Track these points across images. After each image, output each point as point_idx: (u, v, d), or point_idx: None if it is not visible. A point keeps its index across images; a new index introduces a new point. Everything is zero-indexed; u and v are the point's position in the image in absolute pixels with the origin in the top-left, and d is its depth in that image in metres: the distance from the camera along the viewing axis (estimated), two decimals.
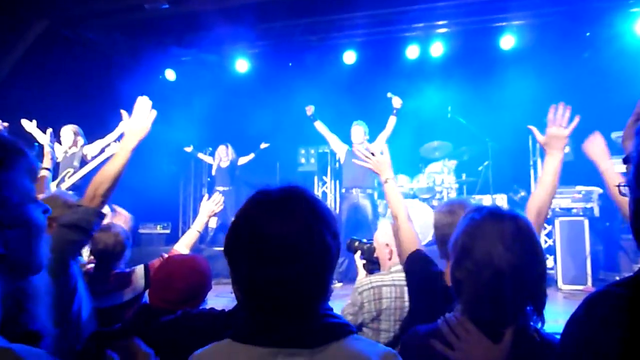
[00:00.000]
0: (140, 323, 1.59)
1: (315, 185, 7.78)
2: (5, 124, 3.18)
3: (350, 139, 5.69)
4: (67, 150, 5.08)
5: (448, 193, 6.48)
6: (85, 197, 1.83)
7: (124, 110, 2.03)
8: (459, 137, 6.61)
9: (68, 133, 5.09)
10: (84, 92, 6.01)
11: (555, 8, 5.97)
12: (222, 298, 4.12)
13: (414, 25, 6.41)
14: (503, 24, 6.31)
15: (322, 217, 0.92)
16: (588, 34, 6.17)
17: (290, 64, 7.28)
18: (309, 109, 5.80)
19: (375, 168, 2.14)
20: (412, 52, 6.68)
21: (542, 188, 1.88)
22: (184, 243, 2.55)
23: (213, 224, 6.69)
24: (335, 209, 6.40)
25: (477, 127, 6.38)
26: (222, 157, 7.12)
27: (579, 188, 5.32)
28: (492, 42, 6.43)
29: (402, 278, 2.21)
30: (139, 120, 1.93)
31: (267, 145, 7.14)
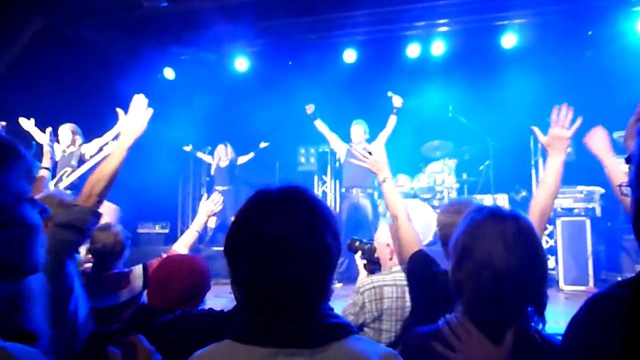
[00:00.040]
0: (139, 323, 1.58)
1: (315, 185, 7.75)
2: (3, 123, 3.16)
3: (350, 138, 5.66)
4: (65, 149, 5.05)
5: (449, 193, 6.48)
6: (81, 196, 1.83)
7: (120, 109, 2.03)
8: (460, 136, 6.61)
9: (66, 132, 5.07)
10: (82, 90, 5.99)
11: (557, 6, 5.96)
12: (221, 298, 4.10)
13: (415, 24, 6.40)
14: (504, 23, 6.30)
15: (322, 216, 0.91)
16: (590, 33, 6.17)
17: (290, 63, 7.26)
18: (309, 108, 5.77)
19: (373, 167, 2.13)
20: (412, 50, 6.66)
21: (544, 189, 1.87)
22: (183, 243, 2.54)
23: (212, 224, 6.67)
24: (335, 209, 6.38)
25: (478, 126, 6.37)
26: (221, 156, 7.10)
27: (581, 188, 5.31)
28: (493, 40, 6.42)
29: (403, 278, 2.24)
30: (135, 119, 1.92)
31: (266, 145, 7.12)
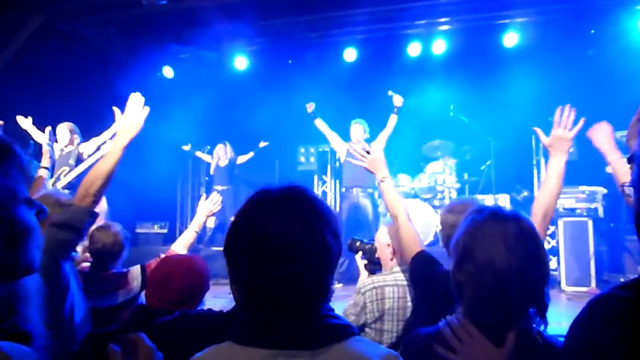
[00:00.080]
0: (137, 323, 1.57)
1: (315, 185, 7.72)
2: (0, 122, 3.12)
3: (350, 138, 5.62)
4: (63, 149, 5.03)
5: (449, 193, 6.44)
6: (77, 196, 1.83)
7: (117, 108, 2.01)
8: (461, 136, 6.59)
9: (64, 131, 5.04)
10: (81, 89, 5.98)
11: (559, 5, 5.93)
12: (220, 299, 4.08)
13: (416, 22, 6.36)
14: (506, 21, 6.26)
15: (322, 216, 0.91)
16: (592, 32, 6.13)
17: (290, 62, 7.23)
18: (310, 106, 5.73)
19: (371, 167, 2.13)
20: (413, 49, 6.62)
21: (546, 190, 1.88)
22: (182, 243, 2.54)
23: (211, 224, 6.64)
24: (335, 209, 6.34)
25: (479, 125, 6.35)
26: (220, 155, 7.07)
27: (583, 188, 5.29)
28: (495, 39, 6.38)
29: (404, 278, 2.25)
30: (131, 118, 1.92)
31: (266, 144, 7.09)
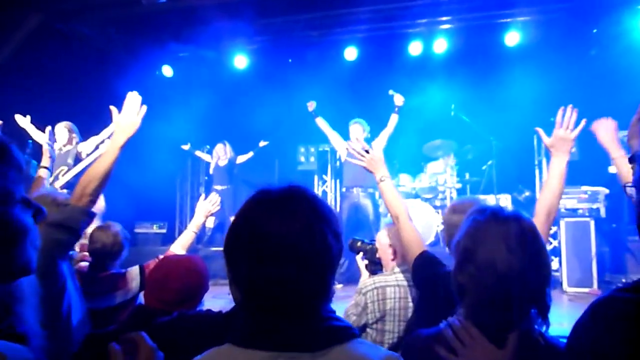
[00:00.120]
0: (136, 324, 1.55)
1: (315, 185, 7.69)
2: None
3: (349, 138, 5.58)
4: (61, 148, 5.02)
5: (450, 193, 6.41)
6: (73, 196, 1.82)
7: (114, 107, 1.99)
8: (463, 135, 6.56)
9: (62, 130, 5.03)
10: (80, 88, 5.96)
11: (562, 4, 5.91)
12: (219, 299, 4.07)
13: (417, 21, 6.35)
14: (508, 20, 6.24)
15: (323, 216, 0.90)
16: (595, 31, 6.11)
17: (290, 60, 7.20)
18: (311, 105, 5.69)
19: (369, 166, 2.11)
20: (414, 48, 6.59)
21: (549, 191, 1.88)
22: (180, 244, 2.53)
23: (210, 224, 6.61)
24: (336, 209, 6.31)
25: (481, 125, 6.33)
26: (220, 155, 7.04)
27: (585, 188, 5.26)
28: (496, 38, 6.36)
29: (405, 278, 2.26)
30: (128, 117, 1.90)
31: (266, 143, 7.06)
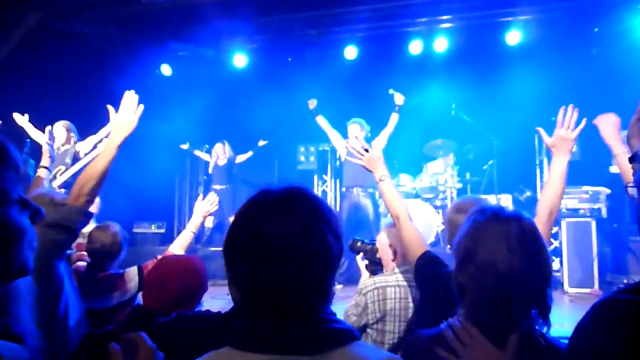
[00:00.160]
0: (135, 325, 1.54)
1: (315, 184, 7.66)
2: None
3: (348, 137, 5.56)
4: (59, 147, 4.99)
5: (451, 193, 6.40)
6: (70, 195, 1.81)
7: (111, 106, 1.99)
8: (463, 135, 6.55)
9: (60, 130, 5.01)
10: (78, 87, 5.95)
11: (563, 3, 5.89)
12: (218, 300, 4.06)
13: (417, 20, 6.32)
14: (509, 19, 6.22)
15: (323, 216, 0.90)
16: (596, 30, 6.08)
17: (290, 59, 7.18)
18: (312, 103, 5.66)
19: (369, 165, 2.09)
20: (415, 47, 6.56)
21: (550, 190, 1.88)
22: (179, 244, 2.52)
23: (209, 224, 6.59)
24: (336, 208, 6.29)
25: (481, 125, 6.32)
26: (219, 154, 7.01)
27: (586, 188, 5.23)
28: (497, 37, 6.33)
29: (406, 279, 2.25)
30: (126, 116, 1.90)
31: (265, 143, 7.04)
